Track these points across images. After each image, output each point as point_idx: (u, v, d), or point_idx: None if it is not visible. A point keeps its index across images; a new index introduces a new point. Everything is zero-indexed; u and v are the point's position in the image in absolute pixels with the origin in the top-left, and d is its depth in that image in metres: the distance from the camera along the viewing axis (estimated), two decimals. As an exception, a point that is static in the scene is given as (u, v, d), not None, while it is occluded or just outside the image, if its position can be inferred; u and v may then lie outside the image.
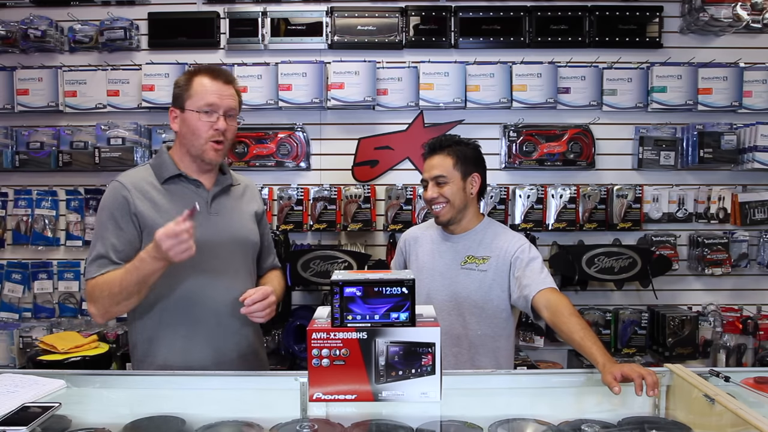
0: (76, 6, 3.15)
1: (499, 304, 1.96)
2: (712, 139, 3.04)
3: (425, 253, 2.08)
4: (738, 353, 3.08)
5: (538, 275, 1.86)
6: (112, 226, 1.66)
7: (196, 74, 1.72)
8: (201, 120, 1.68)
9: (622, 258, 2.93)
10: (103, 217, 1.68)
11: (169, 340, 1.70)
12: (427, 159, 2.02)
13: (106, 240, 1.65)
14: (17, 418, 1.22)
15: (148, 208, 1.68)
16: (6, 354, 3.09)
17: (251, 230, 1.84)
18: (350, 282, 1.33)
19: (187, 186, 1.75)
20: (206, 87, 1.68)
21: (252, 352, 1.82)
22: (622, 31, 3.11)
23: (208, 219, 1.73)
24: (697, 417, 1.35)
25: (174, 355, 1.70)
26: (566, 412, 1.41)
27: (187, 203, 1.70)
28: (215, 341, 1.72)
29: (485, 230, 2.03)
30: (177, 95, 1.73)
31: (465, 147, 2.01)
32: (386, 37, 3.11)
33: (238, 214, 1.82)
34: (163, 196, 1.71)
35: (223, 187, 1.80)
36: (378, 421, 1.30)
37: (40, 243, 3.14)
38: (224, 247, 1.73)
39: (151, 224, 1.65)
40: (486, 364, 1.95)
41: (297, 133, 3.12)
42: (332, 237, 3.17)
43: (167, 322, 1.70)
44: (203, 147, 1.69)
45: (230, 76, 1.76)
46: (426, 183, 2.01)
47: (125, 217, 1.66)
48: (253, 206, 1.89)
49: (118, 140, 3.06)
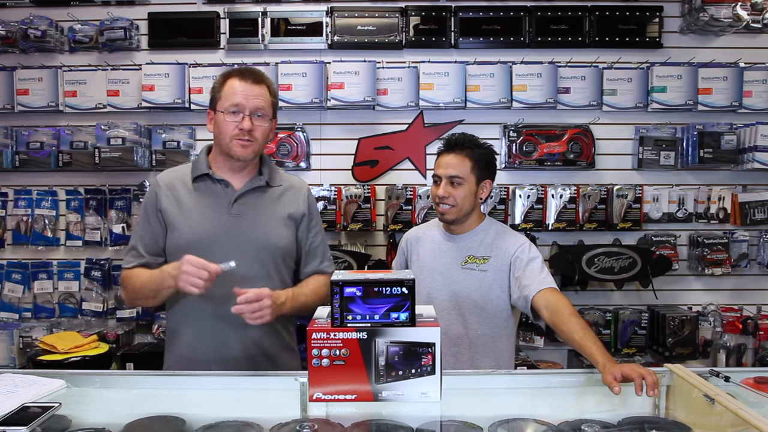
0: (76, 6, 3.15)
1: (499, 304, 1.96)
2: (712, 139, 3.04)
3: (426, 252, 2.08)
4: (738, 353, 3.08)
5: (538, 275, 1.86)
6: (144, 221, 1.79)
7: (228, 76, 1.75)
8: (227, 120, 1.71)
9: (622, 258, 2.93)
10: (141, 211, 1.84)
11: (183, 335, 1.77)
12: (444, 155, 1.98)
13: (137, 233, 1.81)
14: (17, 418, 1.22)
15: (172, 205, 1.75)
16: (6, 354, 3.09)
17: (277, 233, 1.79)
18: (350, 282, 1.33)
19: (214, 185, 1.78)
20: (234, 88, 1.71)
21: (263, 355, 1.78)
22: (622, 31, 3.11)
23: (227, 220, 1.74)
24: (697, 417, 1.35)
25: (185, 351, 1.76)
26: (566, 412, 1.41)
27: (212, 203, 1.76)
28: (219, 338, 1.73)
29: (486, 230, 2.03)
30: (212, 98, 1.78)
31: (484, 151, 1.99)
32: (386, 37, 3.11)
33: (265, 217, 1.78)
34: (190, 195, 1.77)
35: (254, 188, 1.79)
36: (378, 421, 1.30)
37: (40, 243, 3.14)
38: (239, 250, 1.71)
39: (173, 221, 1.74)
40: (486, 364, 1.95)
41: (297, 133, 3.12)
42: (332, 237, 3.17)
43: (184, 318, 1.76)
44: (229, 144, 1.72)
45: (260, 76, 1.76)
46: (438, 179, 1.98)
47: (153, 213, 1.77)
48: (290, 209, 1.82)
49: (118, 140, 3.06)
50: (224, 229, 1.72)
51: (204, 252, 1.65)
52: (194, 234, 1.72)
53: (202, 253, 1.65)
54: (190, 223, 1.73)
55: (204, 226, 1.73)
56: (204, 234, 1.71)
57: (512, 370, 2.00)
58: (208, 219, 1.74)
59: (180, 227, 1.73)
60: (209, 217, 1.74)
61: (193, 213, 1.74)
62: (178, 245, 1.71)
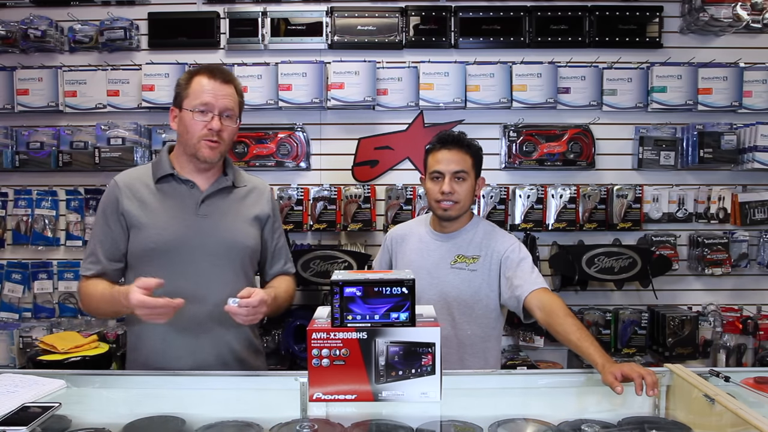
0: (76, 6, 3.14)
1: (489, 303, 1.95)
2: (712, 139, 3.04)
3: (413, 251, 2.06)
4: (738, 353, 3.08)
5: (530, 275, 1.85)
6: (103, 224, 1.73)
7: (195, 74, 1.71)
8: (195, 119, 1.67)
9: (622, 258, 2.93)
10: (98, 214, 1.76)
11: (150, 341, 1.71)
12: (443, 151, 1.94)
13: (96, 237, 1.74)
14: (17, 418, 1.22)
15: (135, 207, 1.69)
16: (6, 354, 3.09)
17: (245, 233, 1.78)
18: (350, 282, 1.33)
19: (179, 186, 1.74)
20: (203, 86, 1.68)
21: (236, 359, 1.75)
22: (622, 31, 3.11)
23: (195, 221, 1.71)
24: (697, 417, 1.35)
25: (154, 356, 1.70)
26: (566, 412, 1.41)
27: (177, 204, 1.71)
28: (191, 344, 1.69)
29: (475, 229, 2.02)
30: (177, 94, 1.73)
31: (478, 148, 2.00)
32: (386, 37, 3.11)
33: (232, 218, 1.77)
34: (154, 196, 1.71)
35: (220, 189, 1.77)
36: (378, 421, 1.30)
37: (40, 243, 3.14)
38: (208, 250, 1.69)
39: (137, 223, 1.68)
40: (475, 365, 1.93)
41: (297, 133, 3.12)
42: (332, 237, 3.17)
43: (149, 323, 1.66)
44: (197, 145, 1.68)
45: (229, 76, 1.73)
46: (441, 176, 1.93)
47: (113, 216, 1.71)
48: (255, 209, 1.82)
49: (118, 140, 3.06)
50: (193, 230, 1.69)
51: (171, 254, 1.65)
52: (162, 236, 1.67)
53: (171, 255, 1.65)
54: (156, 224, 1.68)
55: (172, 227, 1.68)
56: (172, 235, 1.67)
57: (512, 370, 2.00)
58: (176, 220, 1.69)
59: (146, 229, 1.68)
60: (177, 218, 1.70)
61: (160, 214, 1.69)
62: (145, 247, 1.67)
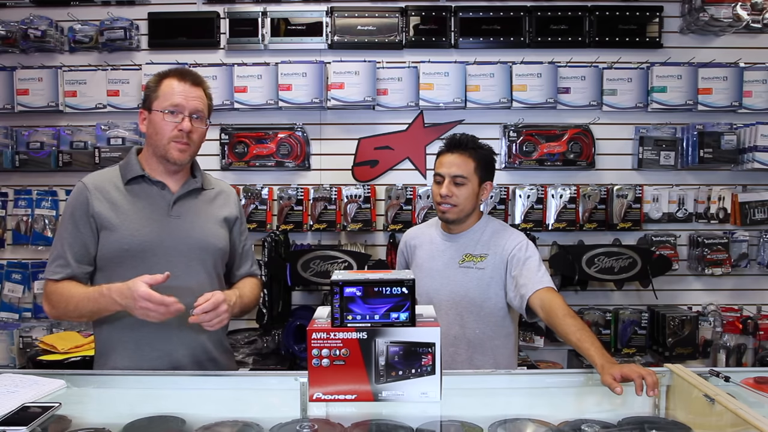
0: (76, 6, 3.15)
1: (497, 302, 1.96)
2: (712, 139, 3.04)
3: (425, 253, 2.08)
4: (738, 353, 3.08)
5: (535, 274, 1.85)
6: (71, 227, 1.68)
7: (165, 76, 1.71)
8: (165, 120, 1.66)
9: (622, 258, 2.93)
10: (65, 216, 1.71)
11: (121, 344, 1.69)
12: (447, 154, 1.97)
13: (64, 240, 1.68)
14: (17, 418, 1.22)
15: (106, 209, 1.68)
16: (6, 354, 3.09)
17: (216, 235, 1.78)
18: (350, 282, 1.33)
19: (149, 187, 1.73)
20: (173, 88, 1.68)
21: (209, 360, 1.75)
22: (622, 31, 3.11)
23: (168, 222, 1.70)
24: (697, 417, 1.35)
25: (125, 360, 1.68)
26: (566, 412, 1.41)
27: (149, 205, 1.71)
28: (166, 347, 1.68)
29: (484, 228, 2.02)
30: (146, 96, 1.72)
31: (486, 152, 1.99)
32: (386, 37, 3.11)
33: (203, 219, 1.77)
34: (124, 197, 1.70)
35: (190, 190, 1.77)
36: (378, 421, 1.30)
37: (40, 243, 3.14)
38: (181, 252, 1.69)
39: (108, 225, 1.66)
40: (484, 364, 1.94)
41: (297, 133, 3.12)
42: (332, 237, 3.17)
43: (120, 326, 1.68)
44: (166, 147, 1.68)
45: (198, 78, 1.73)
46: (441, 178, 1.96)
47: (83, 219, 1.68)
48: (224, 212, 1.83)
49: (118, 140, 3.06)
50: (166, 232, 1.69)
51: (145, 255, 1.64)
52: (135, 237, 1.66)
53: (144, 257, 1.64)
54: (129, 226, 1.67)
55: (145, 228, 1.68)
56: (145, 237, 1.67)
57: (512, 370, 2.00)
58: (149, 221, 1.69)
59: (118, 231, 1.66)
60: (149, 219, 1.69)
61: (131, 216, 1.68)
62: (118, 249, 1.66)
